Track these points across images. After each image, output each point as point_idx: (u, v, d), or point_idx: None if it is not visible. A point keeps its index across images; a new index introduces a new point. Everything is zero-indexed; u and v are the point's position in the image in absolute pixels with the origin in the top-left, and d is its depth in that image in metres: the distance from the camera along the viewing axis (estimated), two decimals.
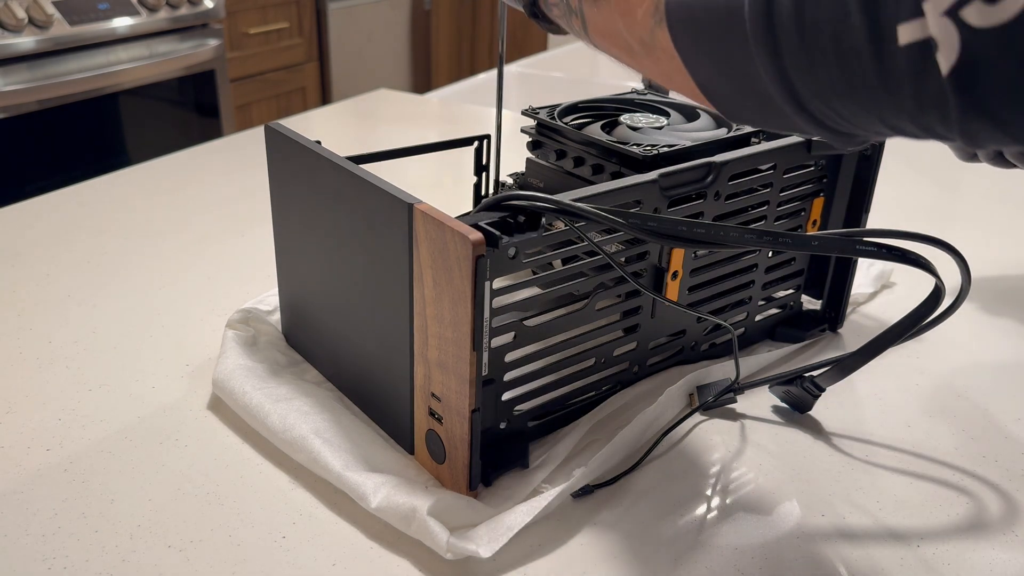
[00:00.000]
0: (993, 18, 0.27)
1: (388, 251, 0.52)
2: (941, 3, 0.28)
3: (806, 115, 0.36)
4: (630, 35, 0.43)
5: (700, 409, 0.63)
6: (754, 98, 0.37)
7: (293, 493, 0.55)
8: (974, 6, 0.28)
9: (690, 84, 0.41)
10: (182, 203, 0.98)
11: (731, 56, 0.36)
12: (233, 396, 0.60)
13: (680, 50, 0.39)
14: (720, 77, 0.38)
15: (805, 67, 0.34)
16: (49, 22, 1.78)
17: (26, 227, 0.90)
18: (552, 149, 0.69)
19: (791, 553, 0.51)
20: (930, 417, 0.64)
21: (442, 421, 0.52)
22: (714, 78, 0.39)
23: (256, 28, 2.44)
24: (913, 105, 0.32)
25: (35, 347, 0.69)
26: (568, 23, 0.50)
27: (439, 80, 3.32)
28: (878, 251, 0.47)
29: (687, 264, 0.62)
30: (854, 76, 0.32)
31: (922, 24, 0.29)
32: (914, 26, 0.29)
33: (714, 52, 0.37)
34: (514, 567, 0.50)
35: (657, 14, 0.40)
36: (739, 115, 0.40)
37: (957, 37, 0.28)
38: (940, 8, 0.28)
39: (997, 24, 0.27)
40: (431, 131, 1.25)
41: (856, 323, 0.76)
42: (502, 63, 0.72)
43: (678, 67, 0.40)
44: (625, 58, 0.45)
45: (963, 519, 0.54)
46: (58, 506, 0.53)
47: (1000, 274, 0.86)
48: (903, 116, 0.33)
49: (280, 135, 0.60)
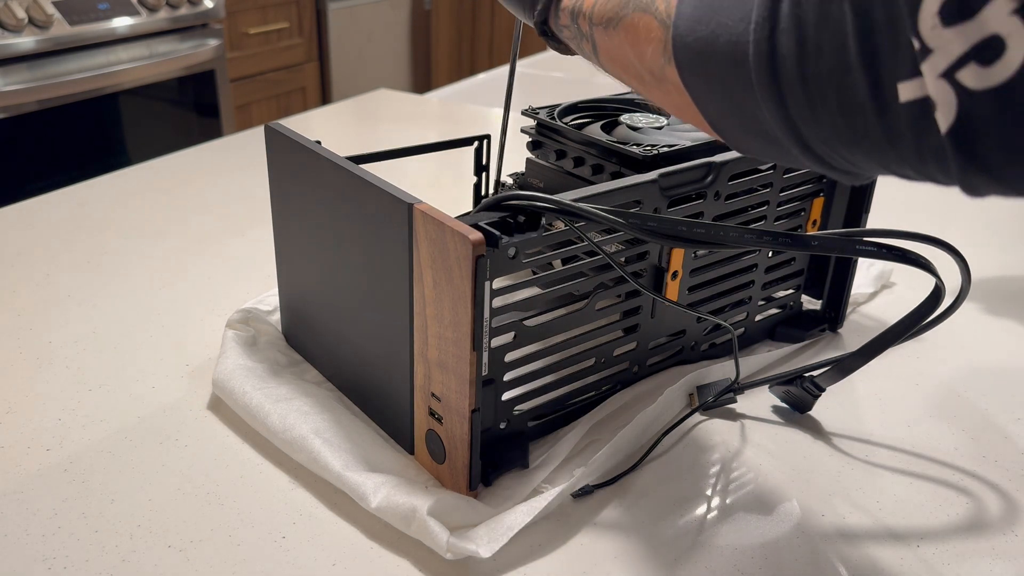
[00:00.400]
0: (988, 80, 0.28)
1: (388, 251, 0.52)
2: (938, 66, 0.29)
3: (812, 155, 0.37)
4: (641, 66, 0.43)
5: (700, 409, 0.63)
6: (762, 137, 0.38)
7: (293, 493, 0.55)
8: (970, 69, 0.28)
9: (700, 118, 0.41)
10: (182, 203, 0.98)
11: (738, 100, 0.37)
12: (233, 396, 0.60)
13: (689, 88, 0.40)
14: (729, 117, 0.39)
15: (810, 116, 0.34)
16: (49, 22, 1.78)
17: (26, 227, 0.90)
18: (552, 149, 0.69)
19: (791, 553, 0.51)
20: (930, 417, 0.64)
21: (442, 421, 0.52)
22: (723, 117, 0.40)
23: (256, 28, 2.44)
24: (915, 157, 0.32)
25: (35, 347, 0.69)
26: (578, 45, 0.50)
27: (439, 80, 3.32)
28: (878, 251, 0.47)
29: (687, 264, 0.62)
30: (858, 128, 0.33)
31: (920, 83, 0.30)
32: (913, 85, 0.30)
33: (722, 94, 0.38)
34: (514, 567, 0.50)
35: (666, 53, 0.40)
36: (748, 150, 0.41)
37: (954, 98, 0.29)
38: (937, 70, 0.29)
39: (992, 86, 0.28)
40: (431, 131, 1.25)
41: (856, 323, 0.76)
42: (514, 61, 0.72)
43: (688, 101, 0.41)
44: (635, 84, 0.46)
45: (963, 519, 0.54)
46: (58, 506, 0.53)
47: (1000, 274, 0.86)
48: (905, 165, 0.33)
49: (280, 135, 0.60)
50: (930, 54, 0.29)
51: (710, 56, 0.37)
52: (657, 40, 0.41)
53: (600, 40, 0.47)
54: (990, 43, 0.28)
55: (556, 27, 0.51)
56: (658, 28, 0.41)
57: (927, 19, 0.29)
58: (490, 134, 0.73)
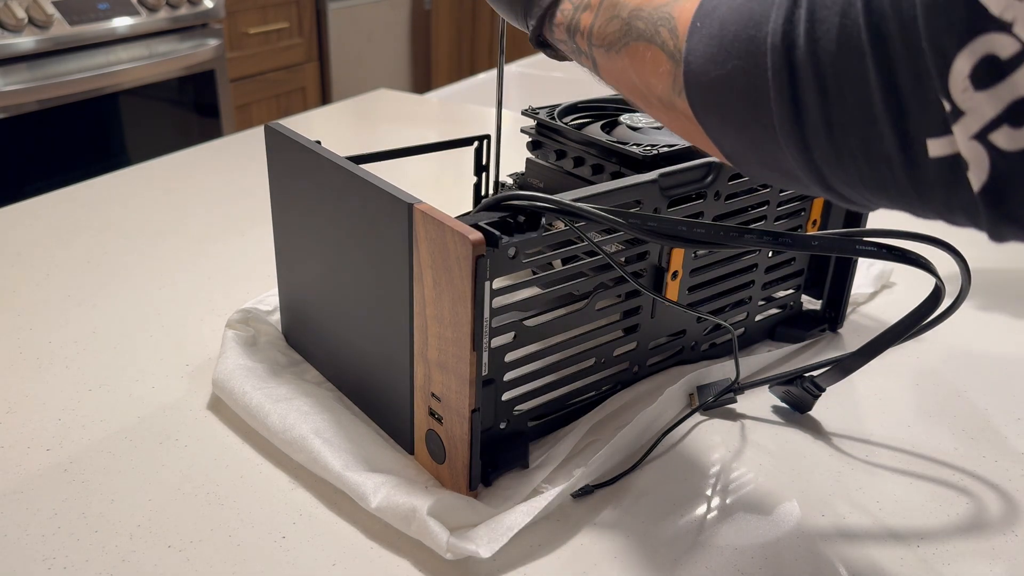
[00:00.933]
0: (1021, 142, 0.28)
1: (388, 251, 0.52)
2: (970, 128, 0.29)
3: (835, 194, 0.37)
4: (647, 92, 0.43)
5: (700, 409, 0.63)
6: (780, 173, 0.38)
7: (293, 493, 0.55)
8: (1003, 131, 0.28)
9: (712, 148, 0.41)
10: (182, 203, 0.98)
11: (758, 141, 0.36)
12: (233, 396, 0.60)
13: (703, 124, 0.39)
14: (746, 153, 0.38)
15: (834, 162, 0.34)
16: (49, 22, 1.78)
17: (26, 227, 0.90)
18: (552, 149, 0.69)
19: (791, 553, 0.51)
20: (930, 417, 0.64)
21: (442, 421, 0.52)
22: (740, 152, 0.39)
23: (256, 28, 2.44)
24: (944, 208, 0.32)
25: (35, 347, 0.69)
26: (577, 59, 0.49)
27: (439, 80, 3.32)
28: (878, 251, 0.47)
29: (687, 264, 0.62)
30: (884, 176, 0.33)
31: (951, 141, 0.30)
32: (943, 142, 0.30)
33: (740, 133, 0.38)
34: (514, 567, 0.50)
35: (676, 86, 0.39)
36: (764, 180, 0.41)
37: (987, 159, 0.29)
38: (969, 132, 0.29)
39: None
40: (431, 131, 1.25)
41: (856, 323, 0.76)
42: (502, 62, 0.72)
43: (699, 130, 0.40)
44: (641, 105, 0.45)
45: (963, 519, 0.54)
46: (58, 506, 0.53)
47: (1000, 274, 0.86)
48: (931, 213, 0.33)
49: (280, 135, 0.60)
50: (962, 116, 0.29)
51: (727, 97, 0.37)
52: (666, 74, 0.40)
53: (601, 60, 0.46)
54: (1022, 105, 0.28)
55: (552, 39, 0.50)
56: (667, 62, 0.40)
57: (958, 82, 0.28)
58: (490, 134, 0.73)
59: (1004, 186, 0.29)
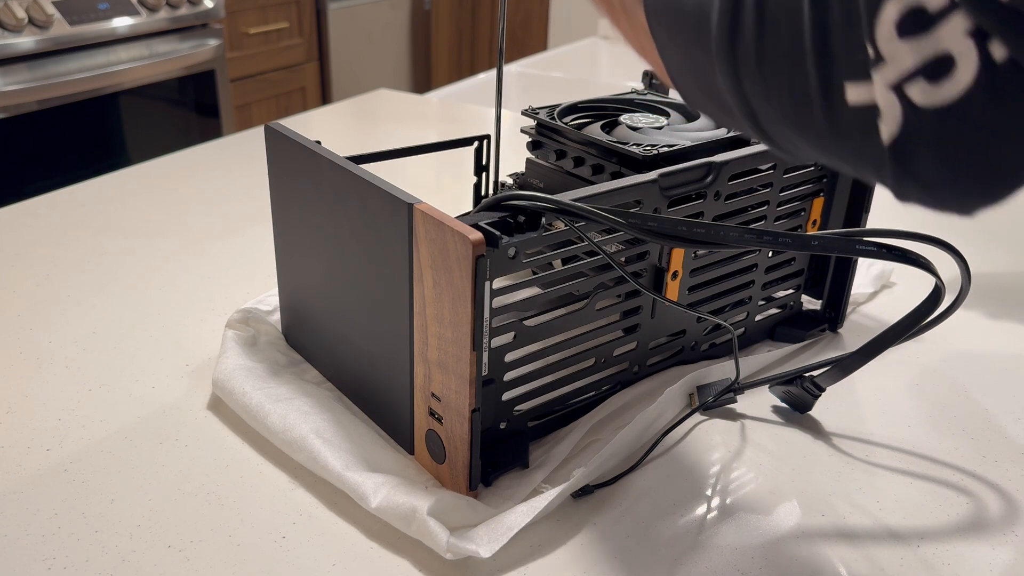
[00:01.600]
0: (934, 98, 0.28)
1: (388, 251, 0.52)
2: (888, 76, 0.29)
3: (761, 132, 0.37)
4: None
5: (700, 409, 0.63)
6: (716, 102, 0.38)
7: (293, 493, 0.55)
8: (918, 84, 0.28)
9: (661, 67, 0.41)
10: (182, 203, 0.98)
11: (698, 62, 0.37)
12: (233, 396, 0.60)
13: (654, 36, 0.40)
14: (688, 75, 0.39)
15: (762, 95, 0.34)
16: (49, 22, 1.78)
17: (26, 227, 0.90)
18: (552, 149, 0.69)
19: (791, 553, 0.51)
20: (930, 417, 0.64)
21: (442, 421, 0.52)
22: (683, 73, 0.39)
23: (256, 28, 2.44)
24: (854, 157, 0.32)
25: (35, 347, 0.69)
26: None
27: (439, 80, 3.32)
28: (878, 251, 0.47)
29: (687, 264, 0.62)
30: (804, 118, 0.33)
31: (869, 88, 0.30)
32: (862, 88, 0.30)
33: (684, 52, 0.38)
34: (514, 567, 0.50)
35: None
36: (702, 110, 0.41)
37: (900, 112, 0.29)
38: (887, 81, 0.29)
39: (938, 105, 0.28)
40: (431, 131, 1.25)
41: (856, 323, 0.76)
42: (501, 60, 0.72)
43: (651, 46, 0.40)
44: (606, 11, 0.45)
45: (963, 519, 0.54)
46: (58, 506, 0.53)
47: (1000, 274, 0.86)
48: (844, 162, 0.34)
49: (280, 135, 0.60)
50: (882, 63, 0.29)
51: (677, 12, 0.37)
52: None
53: None
54: (941, 61, 0.28)
55: None
56: None
57: (884, 27, 0.28)
58: (490, 134, 0.73)
59: (913, 142, 0.29)
